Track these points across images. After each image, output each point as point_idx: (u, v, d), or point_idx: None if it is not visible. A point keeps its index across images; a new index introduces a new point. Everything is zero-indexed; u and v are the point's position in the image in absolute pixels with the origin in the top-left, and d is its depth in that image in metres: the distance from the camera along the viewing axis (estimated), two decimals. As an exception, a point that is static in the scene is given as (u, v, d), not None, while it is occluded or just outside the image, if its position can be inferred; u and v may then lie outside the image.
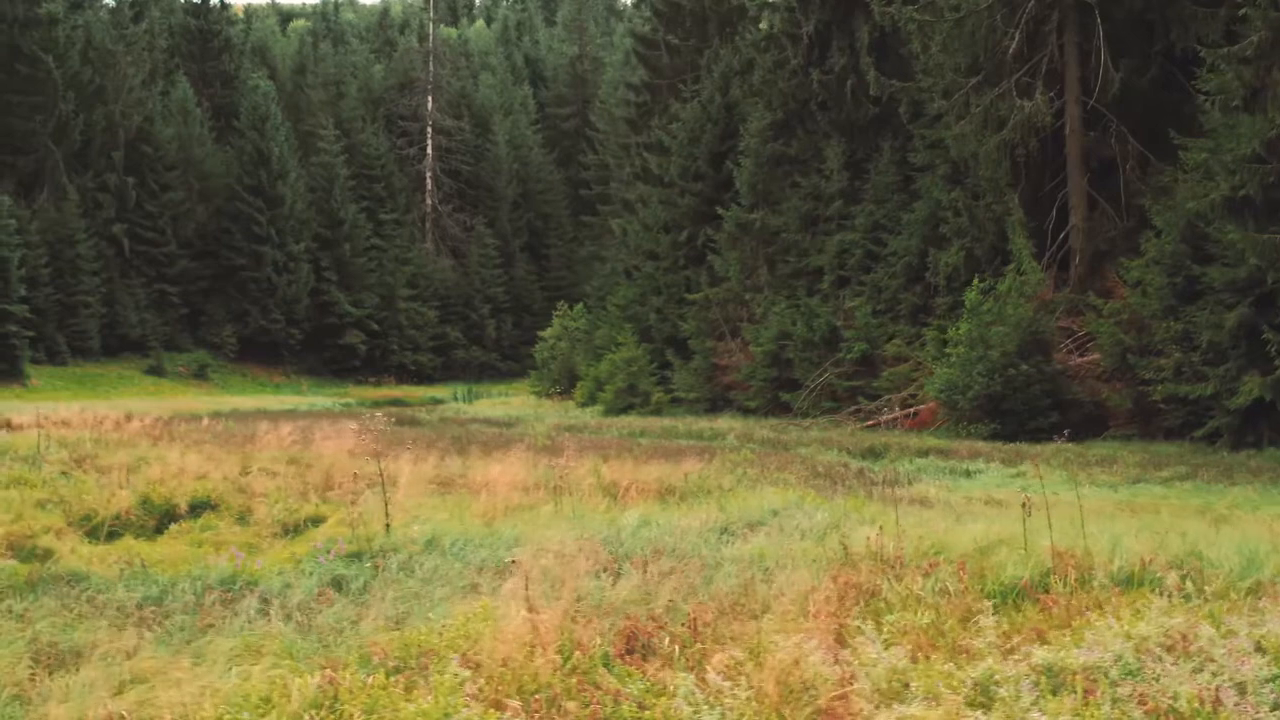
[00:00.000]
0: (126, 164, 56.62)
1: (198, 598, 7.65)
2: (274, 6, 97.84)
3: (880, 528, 8.24)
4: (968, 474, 18.32)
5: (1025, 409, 23.25)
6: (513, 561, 6.46)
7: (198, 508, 12.76)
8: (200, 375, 55.14)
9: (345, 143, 63.79)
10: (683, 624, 5.80)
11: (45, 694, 5.33)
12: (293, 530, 11.78)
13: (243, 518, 12.30)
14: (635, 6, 69.35)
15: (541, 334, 46.32)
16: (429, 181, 69.24)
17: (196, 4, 67.02)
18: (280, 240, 58.18)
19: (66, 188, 54.72)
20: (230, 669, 5.36)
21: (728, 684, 4.64)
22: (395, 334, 62.01)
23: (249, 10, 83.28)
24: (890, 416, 26.89)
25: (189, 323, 58.30)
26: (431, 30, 72.71)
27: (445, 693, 4.60)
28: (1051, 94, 27.15)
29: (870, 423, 26.85)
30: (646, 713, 4.52)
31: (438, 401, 53.80)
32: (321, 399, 50.66)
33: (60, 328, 51.70)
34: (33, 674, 5.79)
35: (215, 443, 19.84)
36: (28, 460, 16.89)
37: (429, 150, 69.36)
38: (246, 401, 46.37)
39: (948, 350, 24.42)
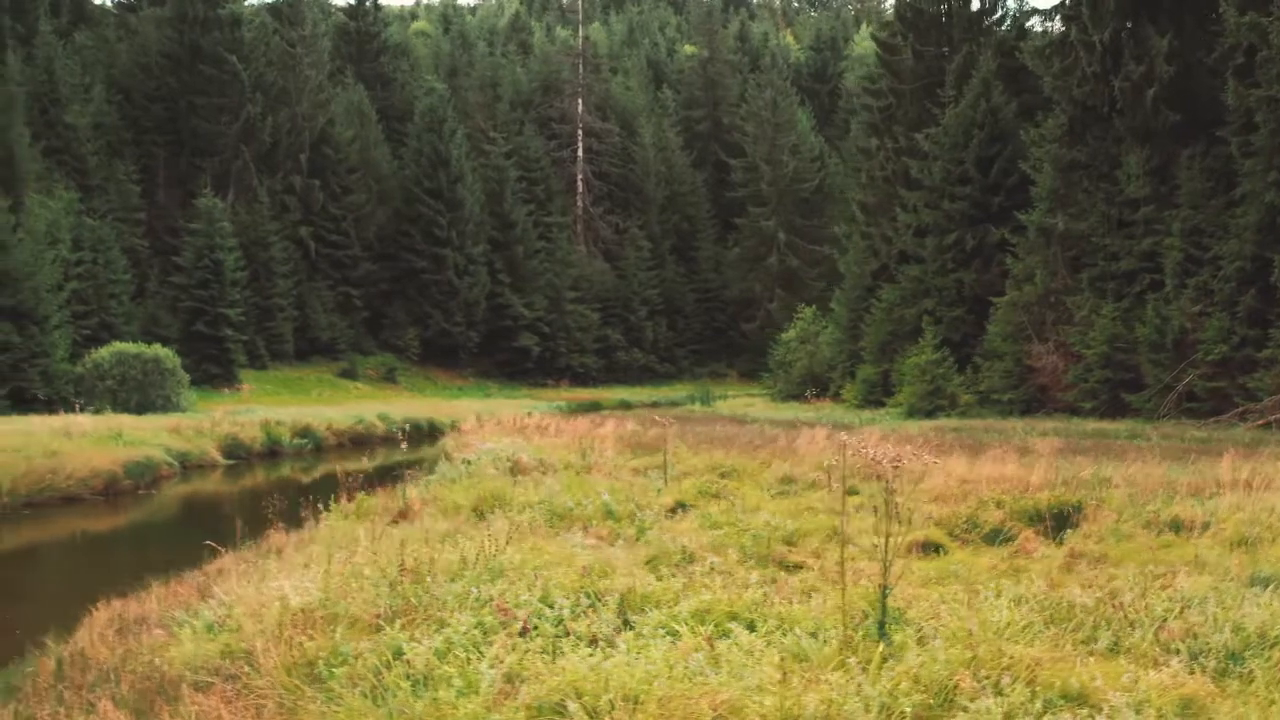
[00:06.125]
0: (309, 166, 56.62)
1: None
2: (384, 11, 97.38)
3: None
4: None
5: None
6: None
7: (1051, 514, 13.13)
8: (389, 378, 55.17)
9: (507, 146, 63.92)
10: None
11: None
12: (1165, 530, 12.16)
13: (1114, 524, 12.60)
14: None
15: (780, 336, 46.66)
16: (580, 184, 69.45)
17: (353, 6, 66.98)
18: (460, 243, 58.25)
19: (257, 190, 54.69)
20: None
21: None
22: (563, 336, 62.14)
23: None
24: (1276, 416, 27.50)
25: (370, 325, 58.31)
26: (581, 32, 72.91)
27: None
28: None
29: (1261, 422, 27.43)
30: None
31: (628, 405, 53.72)
32: (529, 402, 50.63)
33: (259, 331, 51.66)
34: None
35: (740, 451, 20.16)
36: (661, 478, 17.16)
37: (579, 152, 69.58)
38: (461, 405, 45.23)
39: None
